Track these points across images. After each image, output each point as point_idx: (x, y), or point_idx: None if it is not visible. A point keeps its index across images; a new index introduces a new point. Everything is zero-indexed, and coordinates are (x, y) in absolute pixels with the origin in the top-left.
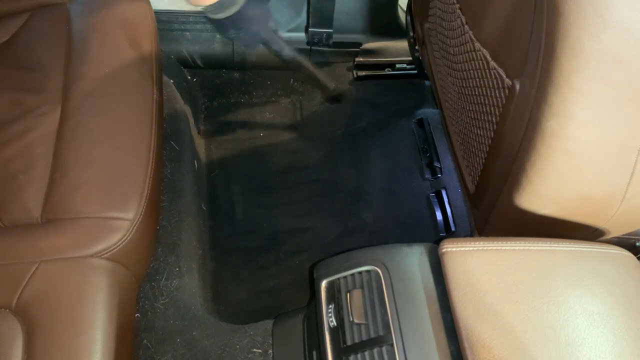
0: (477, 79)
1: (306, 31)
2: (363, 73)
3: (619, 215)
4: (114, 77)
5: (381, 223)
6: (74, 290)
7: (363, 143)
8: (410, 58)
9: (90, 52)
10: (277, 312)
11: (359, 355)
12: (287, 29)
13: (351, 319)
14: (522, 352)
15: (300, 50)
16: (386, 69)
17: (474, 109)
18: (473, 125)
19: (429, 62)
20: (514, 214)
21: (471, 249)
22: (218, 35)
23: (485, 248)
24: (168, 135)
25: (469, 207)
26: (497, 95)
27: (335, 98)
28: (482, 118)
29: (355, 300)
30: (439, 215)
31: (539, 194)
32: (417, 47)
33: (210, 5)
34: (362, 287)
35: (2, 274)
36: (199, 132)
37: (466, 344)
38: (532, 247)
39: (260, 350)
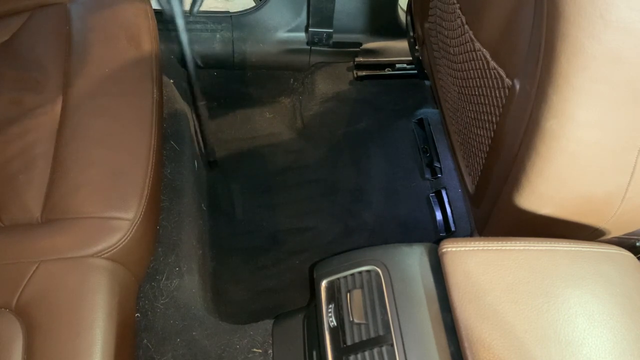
0: (477, 79)
1: (306, 31)
2: (363, 73)
3: (619, 215)
4: (114, 76)
5: (381, 223)
6: (74, 290)
7: (363, 143)
8: (410, 58)
9: (90, 52)
10: (277, 312)
11: (359, 355)
12: (287, 29)
13: (351, 319)
14: (523, 351)
15: (300, 50)
16: (386, 69)
17: (474, 108)
18: (473, 125)
19: (429, 62)
20: (514, 214)
21: (471, 249)
22: (218, 35)
23: (485, 248)
24: (168, 135)
25: (469, 207)
26: (497, 95)
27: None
28: (482, 118)
29: (355, 300)
30: (438, 215)
31: (539, 194)
32: (417, 47)
33: None
34: (362, 287)
35: (2, 274)
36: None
37: (466, 344)
38: (532, 247)
39: (260, 350)
